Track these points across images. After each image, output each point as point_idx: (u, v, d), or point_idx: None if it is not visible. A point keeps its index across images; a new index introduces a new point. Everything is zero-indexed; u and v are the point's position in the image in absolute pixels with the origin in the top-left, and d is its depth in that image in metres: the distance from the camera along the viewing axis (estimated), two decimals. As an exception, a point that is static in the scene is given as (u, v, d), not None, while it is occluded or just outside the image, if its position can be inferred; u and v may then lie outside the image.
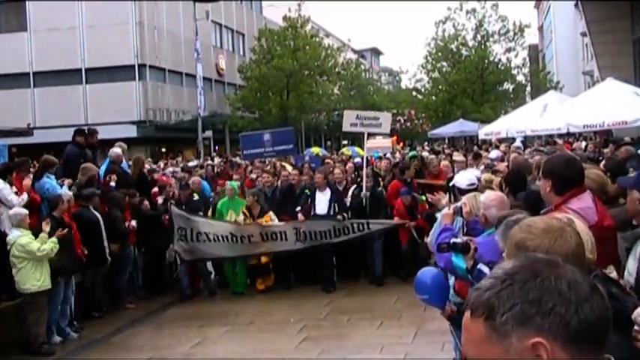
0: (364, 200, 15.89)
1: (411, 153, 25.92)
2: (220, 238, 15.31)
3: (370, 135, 19.54)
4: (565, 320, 1.73)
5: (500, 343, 1.77)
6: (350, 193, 16.37)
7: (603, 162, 11.11)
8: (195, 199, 16.49)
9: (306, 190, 16.27)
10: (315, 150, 38.68)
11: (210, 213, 16.28)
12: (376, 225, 15.45)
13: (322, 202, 15.50)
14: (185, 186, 17.03)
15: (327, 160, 24.05)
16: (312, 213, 15.54)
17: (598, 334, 1.77)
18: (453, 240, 6.00)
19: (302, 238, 15.25)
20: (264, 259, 15.72)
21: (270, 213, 15.60)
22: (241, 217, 15.64)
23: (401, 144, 49.85)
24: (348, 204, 16.02)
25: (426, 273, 7.13)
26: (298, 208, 15.59)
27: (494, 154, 19.36)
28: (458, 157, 20.26)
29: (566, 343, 1.73)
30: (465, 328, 1.87)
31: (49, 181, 13.76)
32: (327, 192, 15.60)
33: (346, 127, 17.60)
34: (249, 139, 21.48)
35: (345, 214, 15.47)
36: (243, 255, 15.67)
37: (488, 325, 1.79)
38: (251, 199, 15.68)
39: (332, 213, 15.41)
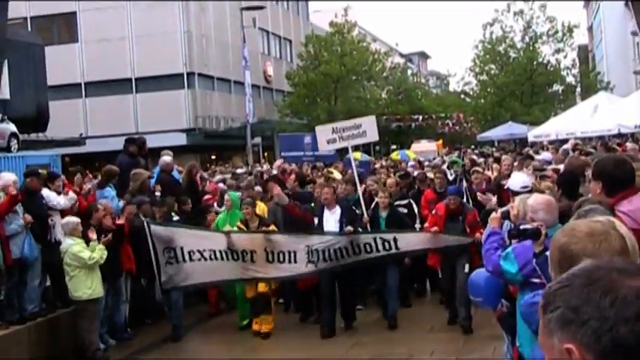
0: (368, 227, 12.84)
1: (452, 158, 25.43)
2: (218, 255, 12.39)
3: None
4: (597, 335, 1.70)
5: (549, 339, 1.80)
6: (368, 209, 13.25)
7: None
8: (175, 219, 14.00)
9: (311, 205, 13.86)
10: (356, 155, 37.76)
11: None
12: (409, 240, 12.51)
13: (330, 222, 12.52)
14: (161, 201, 14.15)
15: (376, 166, 23.20)
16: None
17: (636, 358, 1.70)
18: (523, 226, 5.96)
19: (314, 258, 12.23)
20: (262, 288, 12.72)
21: (273, 226, 12.95)
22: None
23: (446, 148, 49.31)
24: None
25: (480, 274, 7.11)
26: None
27: (543, 156, 19.14)
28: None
29: (597, 357, 1.70)
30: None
31: (110, 191, 14.06)
32: (337, 210, 12.57)
33: (323, 147, 14.90)
34: (288, 141, 20.52)
35: (359, 228, 12.52)
36: (244, 279, 12.81)
37: (543, 319, 1.83)
38: (249, 210, 12.76)
39: None
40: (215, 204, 15.87)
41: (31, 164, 20.45)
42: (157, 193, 14.91)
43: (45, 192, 12.68)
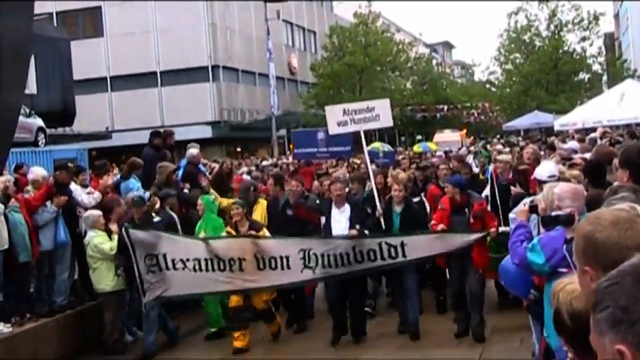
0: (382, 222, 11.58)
1: (483, 152, 25.02)
2: (202, 265, 11.02)
3: (367, 131, 13.86)
4: None
5: (600, 340, 1.76)
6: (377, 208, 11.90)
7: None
8: (155, 220, 12.43)
9: (317, 201, 13.00)
10: (377, 145, 36.88)
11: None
12: (418, 244, 10.96)
13: (340, 222, 11.33)
14: (139, 200, 12.45)
15: (400, 157, 22.34)
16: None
17: None
18: (556, 212, 5.92)
19: (312, 263, 10.90)
20: (260, 305, 11.70)
21: (265, 231, 11.69)
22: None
23: (470, 138, 48.93)
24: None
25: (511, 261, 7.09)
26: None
27: (570, 145, 18.96)
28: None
29: None
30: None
31: (135, 183, 14.14)
32: (346, 209, 11.39)
33: (333, 129, 13.36)
34: (301, 137, 18.97)
35: (365, 230, 11.16)
36: (233, 290, 11.44)
37: (593, 317, 1.79)
38: (238, 212, 11.47)
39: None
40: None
41: (58, 158, 20.62)
42: (185, 191, 14.87)
43: (72, 186, 12.78)
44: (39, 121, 24.84)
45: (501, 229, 10.38)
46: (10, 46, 12.32)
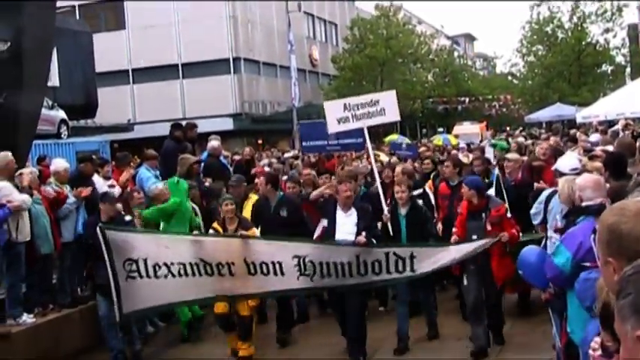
0: (389, 227, 10.54)
1: (493, 141, 24.61)
2: (188, 269, 9.62)
3: (371, 126, 12.35)
4: None
5: (623, 326, 1.77)
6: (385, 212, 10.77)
7: None
8: (127, 219, 11.15)
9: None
10: (395, 137, 36.49)
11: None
12: (429, 256, 9.73)
13: (345, 226, 10.12)
14: (106, 196, 11.20)
15: (422, 149, 22.04)
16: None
17: None
18: (586, 203, 5.90)
19: (308, 271, 9.61)
20: (244, 311, 10.53)
21: (255, 230, 10.57)
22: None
23: (491, 131, 48.47)
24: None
25: (532, 251, 7.06)
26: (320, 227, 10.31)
27: (594, 137, 18.81)
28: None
29: None
30: None
31: (145, 172, 14.21)
32: (353, 213, 10.20)
33: (333, 127, 12.13)
34: (310, 129, 17.73)
35: (372, 239, 9.97)
36: (219, 296, 10.20)
37: (617, 304, 1.79)
38: (230, 209, 10.42)
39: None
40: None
41: (80, 150, 20.78)
42: (207, 183, 14.86)
43: (94, 178, 12.85)
44: (61, 114, 25.03)
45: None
46: (33, 41, 12.42)
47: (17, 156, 11.45)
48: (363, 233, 9.79)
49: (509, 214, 9.92)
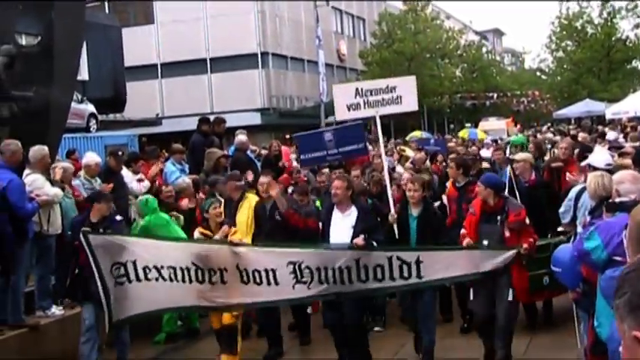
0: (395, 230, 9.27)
1: (513, 138, 24.13)
2: (179, 274, 8.95)
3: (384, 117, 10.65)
4: None
5: (621, 325, 1.76)
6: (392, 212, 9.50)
7: None
8: (117, 219, 10.05)
9: (317, 202, 11.49)
10: (417, 134, 35.93)
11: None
12: (437, 261, 8.79)
13: (341, 228, 9.03)
14: (96, 195, 10.33)
15: (451, 144, 21.72)
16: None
17: None
18: (620, 199, 5.88)
19: (305, 278, 8.70)
20: (227, 319, 9.53)
21: (235, 230, 9.63)
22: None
23: (518, 126, 48.04)
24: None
25: (566, 249, 7.04)
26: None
27: (611, 135, 18.58)
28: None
29: None
30: None
31: (170, 166, 14.34)
32: (352, 212, 9.09)
33: (342, 114, 10.62)
34: (307, 141, 15.74)
35: (372, 241, 8.79)
36: (205, 306, 9.53)
37: (615, 303, 1.79)
38: (217, 212, 9.64)
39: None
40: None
41: (109, 144, 20.93)
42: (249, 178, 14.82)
43: (124, 172, 12.94)
44: (91, 108, 25.25)
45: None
46: (63, 35, 12.52)
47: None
48: (362, 235, 8.72)
49: (527, 220, 8.82)
